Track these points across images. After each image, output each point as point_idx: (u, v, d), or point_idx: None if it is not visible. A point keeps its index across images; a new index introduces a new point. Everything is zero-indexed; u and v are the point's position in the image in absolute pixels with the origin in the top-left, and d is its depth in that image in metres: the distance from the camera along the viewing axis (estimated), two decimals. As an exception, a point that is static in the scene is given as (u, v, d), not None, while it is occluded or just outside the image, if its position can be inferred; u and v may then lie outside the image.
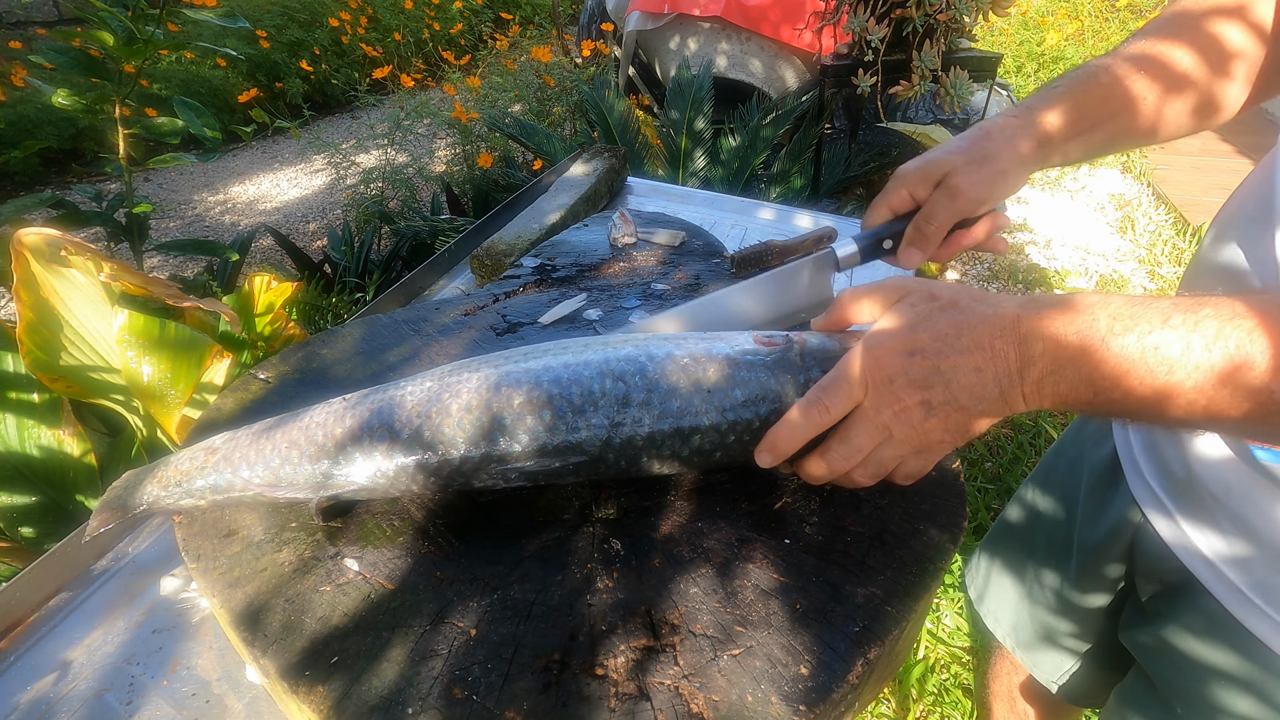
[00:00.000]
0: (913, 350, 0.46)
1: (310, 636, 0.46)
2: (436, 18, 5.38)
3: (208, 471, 0.53)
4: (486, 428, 0.50)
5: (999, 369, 0.45)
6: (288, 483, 0.52)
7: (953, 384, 0.46)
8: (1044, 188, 3.70)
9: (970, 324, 0.46)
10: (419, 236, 2.42)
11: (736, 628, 0.46)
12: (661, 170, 2.49)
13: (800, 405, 0.49)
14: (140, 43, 1.30)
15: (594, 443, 0.50)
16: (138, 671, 0.52)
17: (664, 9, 3.01)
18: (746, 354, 0.52)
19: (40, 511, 0.93)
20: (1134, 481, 0.72)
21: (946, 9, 2.03)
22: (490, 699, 0.42)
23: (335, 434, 0.52)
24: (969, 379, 0.45)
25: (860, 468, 0.49)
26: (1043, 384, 0.45)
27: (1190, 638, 0.64)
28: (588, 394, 0.51)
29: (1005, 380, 0.45)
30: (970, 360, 0.45)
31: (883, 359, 0.47)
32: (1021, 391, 0.45)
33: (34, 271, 0.88)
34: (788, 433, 0.49)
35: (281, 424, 0.54)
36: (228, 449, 0.54)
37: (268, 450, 0.52)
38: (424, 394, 0.52)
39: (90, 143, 3.83)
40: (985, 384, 0.45)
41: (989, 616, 0.96)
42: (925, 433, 0.47)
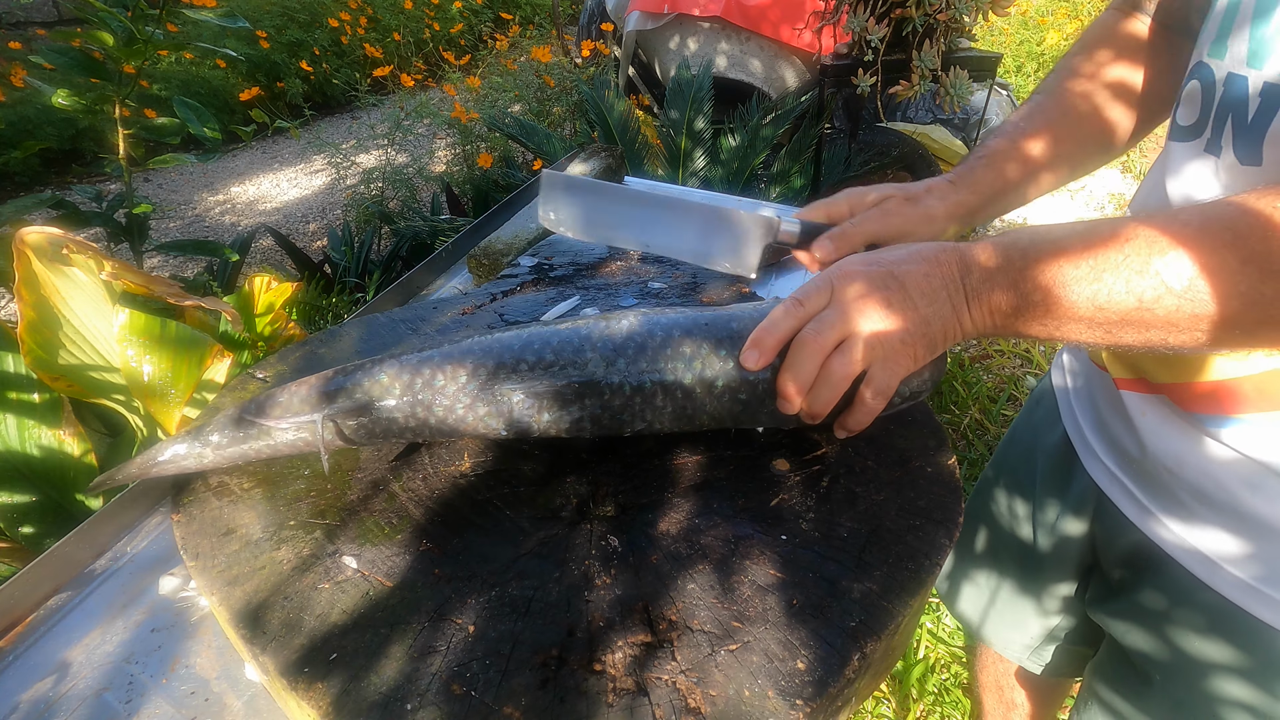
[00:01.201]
0: (871, 262, 0.54)
1: (309, 634, 0.46)
2: (436, 18, 5.38)
3: (223, 426, 0.56)
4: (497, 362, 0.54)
5: (945, 275, 0.52)
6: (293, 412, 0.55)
7: (908, 285, 0.52)
8: (1044, 187, 3.70)
9: (919, 249, 0.54)
10: (419, 236, 2.43)
11: (734, 623, 0.46)
12: (661, 170, 2.49)
13: (778, 307, 0.54)
14: (140, 43, 1.30)
15: (597, 365, 0.53)
16: (137, 670, 0.52)
17: (664, 9, 3.01)
18: (742, 309, 0.57)
19: (40, 511, 0.93)
20: (1089, 463, 0.74)
21: (946, 9, 2.03)
22: (489, 695, 0.42)
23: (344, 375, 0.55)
24: (921, 283, 0.52)
25: (835, 356, 0.52)
26: (979, 292, 0.51)
27: (1161, 607, 0.65)
28: (587, 340, 0.54)
29: (951, 286, 0.52)
30: (920, 269, 0.52)
31: (847, 267, 0.54)
32: (965, 299, 0.51)
33: (35, 270, 0.88)
34: (768, 325, 0.53)
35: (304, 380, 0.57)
36: (243, 405, 0.57)
37: (277, 393, 0.56)
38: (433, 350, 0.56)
39: (90, 143, 3.83)
40: (934, 289, 0.52)
41: (963, 609, 0.97)
42: (887, 330, 0.51)
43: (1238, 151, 0.53)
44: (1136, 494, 0.67)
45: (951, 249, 0.52)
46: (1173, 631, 0.65)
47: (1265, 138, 0.50)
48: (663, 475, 0.58)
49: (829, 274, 0.54)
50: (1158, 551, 0.65)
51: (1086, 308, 0.47)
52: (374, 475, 0.59)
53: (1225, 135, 0.54)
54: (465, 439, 0.62)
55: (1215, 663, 0.62)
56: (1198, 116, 0.57)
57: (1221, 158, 0.54)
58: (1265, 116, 0.50)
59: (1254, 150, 0.51)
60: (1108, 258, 0.46)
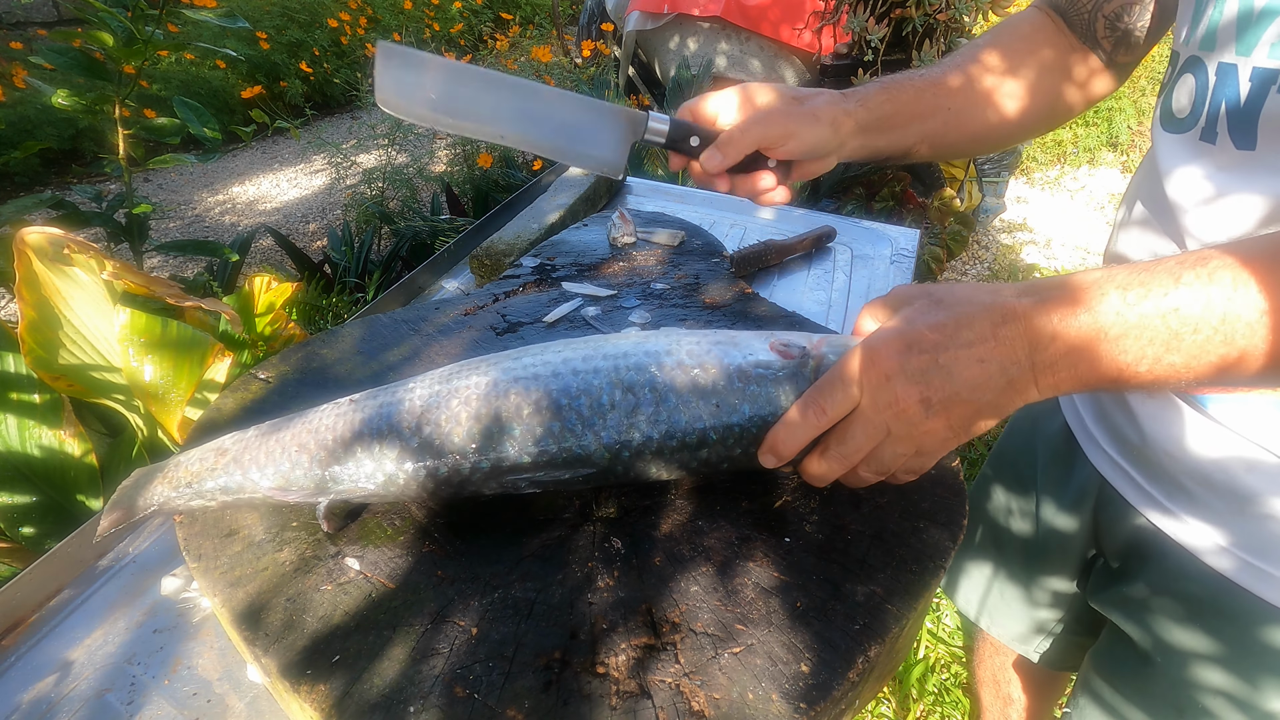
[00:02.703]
0: (910, 345, 0.45)
1: (311, 635, 0.46)
2: (436, 18, 5.38)
3: (218, 473, 0.53)
4: (496, 438, 0.50)
5: (1005, 357, 0.44)
6: (297, 486, 0.52)
7: (954, 378, 0.44)
8: (1044, 187, 3.71)
9: (970, 315, 0.45)
10: (419, 236, 2.42)
11: (737, 626, 0.46)
12: (661, 170, 2.49)
13: (798, 406, 0.49)
14: (140, 43, 1.30)
15: (602, 455, 0.50)
16: (139, 671, 0.52)
17: (664, 9, 3.01)
18: (758, 366, 0.52)
19: (41, 511, 0.93)
20: (1091, 451, 0.74)
21: (946, 9, 2.03)
22: (492, 697, 0.42)
23: (344, 438, 0.51)
24: (972, 371, 0.44)
25: (863, 465, 0.49)
26: (1057, 367, 0.43)
27: (1163, 593, 0.66)
28: (597, 405, 0.51)
29: (1014, 369, 0.44)
30: (973, 352, 0.44)
31: (879, 356, 0.46)
32: (1033, 378, 0.44)
33: (36, 270, 0.88)
34: (786, 434, 0.49)
35: (289, 424, 0.54)
36: (237, 450, 0.53)
37: (277, 453, 0.52)
38: (432, 398, 0.52)
39: (90, 143, 3.82)
40: (990, 375, 0.44)
41: (961, 600, 0.98)
42: (926, 432, 0.46)
43: (1233, 137, 0.53)
44: (1139, 480, 0.68)
45: (1015, 316, 0.44)
46: (1175, 617, 0.65)
47: (1259, 121, 0.51)
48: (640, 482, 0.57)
49: (859, 365, 0.46)
50: (1161, 537, 0.65)
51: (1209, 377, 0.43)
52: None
53: (1220, 122, 0.54)
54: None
55: (1216, 647, 0.62)
56: (1191, 107, 0.57)
57: (1218, 144, 0.54)
58: (1256, 101, 0.51)
59: (1249, 135, 0.52)
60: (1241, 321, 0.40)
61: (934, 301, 0.47)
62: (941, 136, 0.73)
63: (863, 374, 0.46)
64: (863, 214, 2.19)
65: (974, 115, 0.73)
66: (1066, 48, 0.73)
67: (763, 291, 0.95)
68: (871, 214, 2.35)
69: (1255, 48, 0.51)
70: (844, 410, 0.47)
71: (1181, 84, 0.58)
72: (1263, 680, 0.61)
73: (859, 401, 0.47)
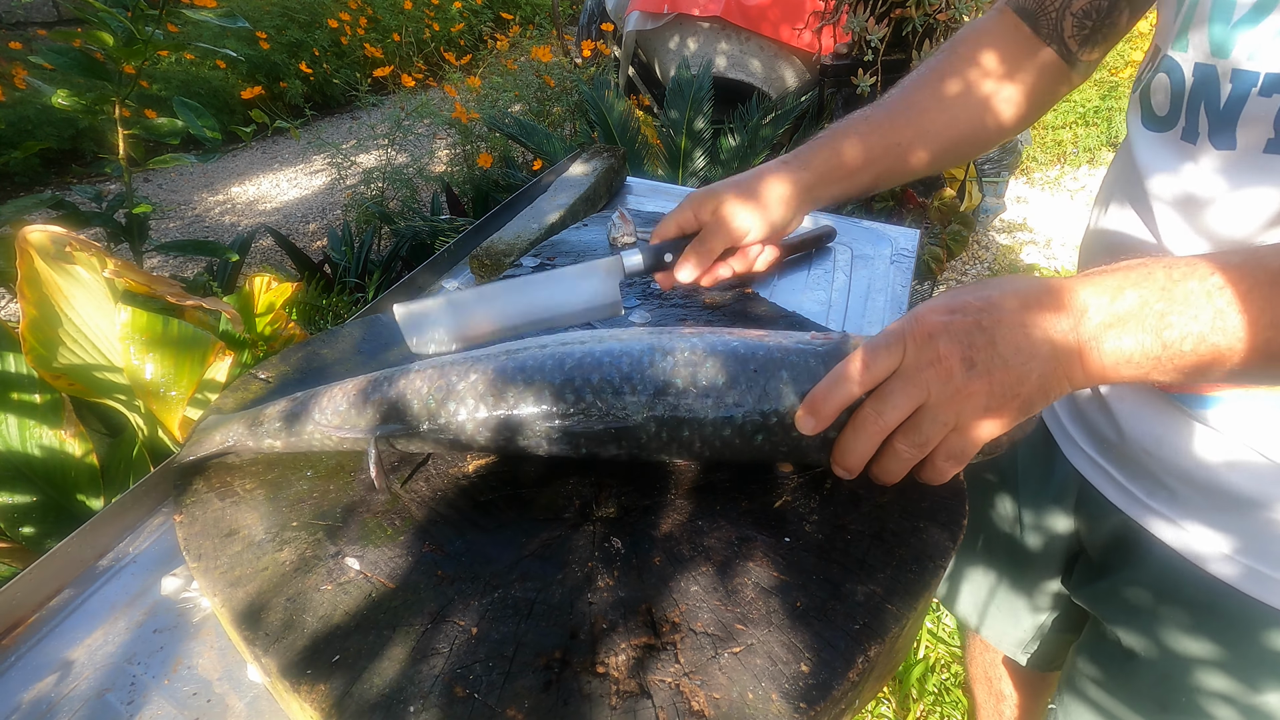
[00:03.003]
0: (954, 309, 0.46)
1: (311, 635, 0.46)
2: (436, 18, 5.38)
3: (284, 415, 0.59)
4: (542, 388, 0.53)
5: (1049, 325, 0.43)
6: (351, 424, 0.56)
7: (998, 341, 0.44)
8: (1044, 187, 3.71)
9: (1017, 287, 0.45)
10: (419, 236, 2.42)
11: (737, 625, 0.46)
12: (661, 170, 2.49)
13: (840, 364, 0.49)
14: (140, 43, 1.30)
15: (638, 409, 0.52)
16: (139, 671, 0.52)
17: (664, 9, 3.01)
18: (800, 342, 0.54)
19: (41, 511, 0.93)
20: (1069, 450, 0.75)
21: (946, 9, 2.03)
22: (491, 697, 0.42)
23: (399, 386, 0.56)
24: (1016, 336, 0.44)
25: (900, 435, 0.47)
26: (1102, 340, 0.43)
27: (1146, 589, 0.66)
28: (637, 364, 0.53)
29: (1057, 335, 0.43)
30: (1017, 317, 0.44)
31: (924, 317, 0.46)
32: (1079, 349, 0.43)
33: (38, 269, 0.88)
34: (826, 390, 0.48)
35: (353, 379, 0.60)
36: (305, 396, 0.60)
37: (337, 396, 0.58)
38: (488, 360, 0.56)
39: (90, 143, 3.83)
40: (1034, 342, 0.43)
41: (948, 599, 0.98)
42: (968, 395, 0.45)
43: (1213, 137, 0.53)
44: (1118, 478, 0.68)
45: (1061, 289, 0.45)
46: (1158, 612, 0.65)
47: (1238, 122, 0.51)
48: (665, 476, 0.57)
49: (904, 326, 0.47)
50: (1142, 534, 0.66)
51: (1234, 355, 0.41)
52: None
53: (1200, 122, 0.54)
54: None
55: (1198, 642, 0.63)
56: (1169, 106, 0.57)
57: (1198, 144, 0.55)
58: (1237, 103, 0.51)
59: (1228, 135, 0.52)
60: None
61: (982, 283, 0.48)
62: (895, 172, 0.75)
63: (906, 333, 0.46)
64: (863, 214, 2.19)
65: (929, 141, 0.74)
66: (1029, 50, 0.72)
67: (763, 291, 0.95)
68: (871, 214, 2.35)
69: (1233, 50, 0.51)
70: (887, 367, 0.47)
71: (1158, 83, 0.58)
72: (1246, 675, 0.61)
73: (901, 359, 0.46)
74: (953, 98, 0.73)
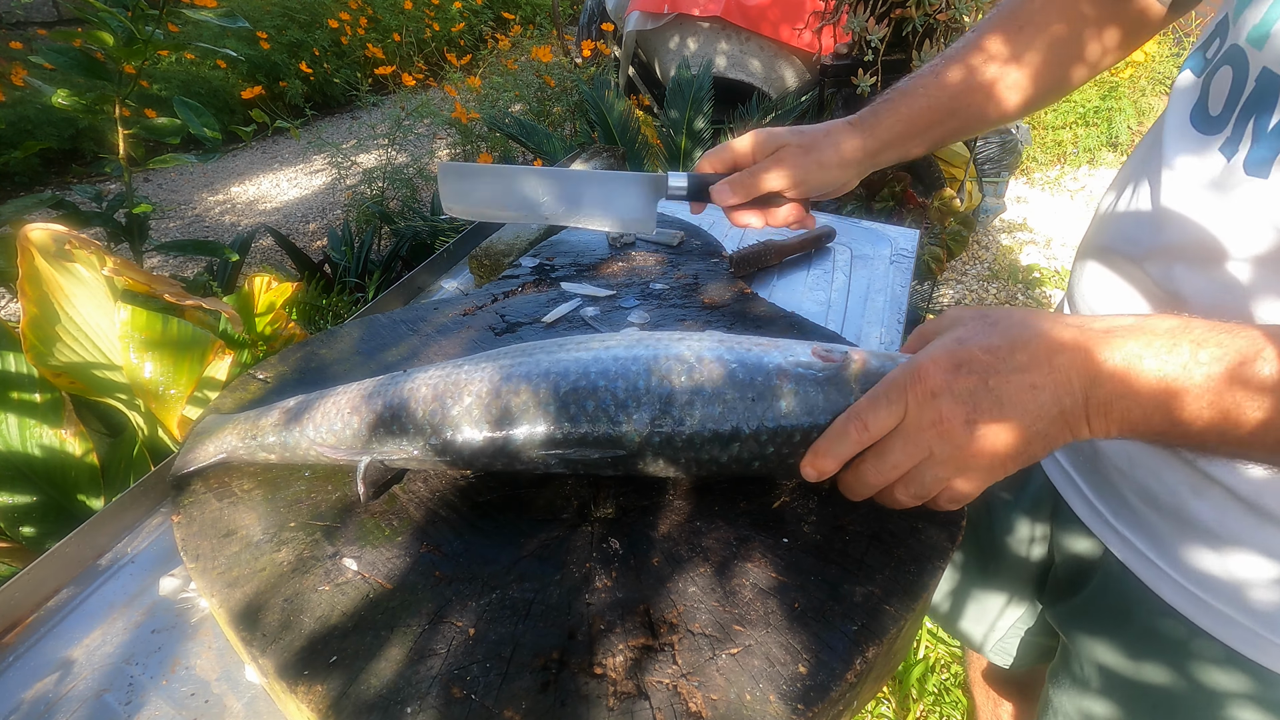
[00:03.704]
0: (959, 364, 0.43)
1: (309, 636, 0.46)
2: (436, 18, 5.38)
3: (279, 428, 0.57)
4: (534, 414, 0.52)
5: (1059, 386, 0.42)
6: (345, 445, 0.55)
7: (1004, 402, 0.42)
8: (1044, 188, 3.70)
9: (1026, 339, 0.43)
10: (419, 236, 2.42)
11: (735, 626, 0.46)
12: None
13: (841, 419, 0.48)
14: (140, 43, 1.30)
15: (633, 438, 0.51)
16: (137, 672, 0.52)
17: (664, 9, 3.01)
18: (799, 366, 0.52)
19: (41, 511, 0.93)
20: (1045, 462, 0.74)
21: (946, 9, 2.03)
22: (489, 698, 0.42)
23: (393, 405, 0.55)
24: (1023, 397, 0.42)
25: (901, 486, 0.47)
26: (1110, 407, 0.41)
27: (1104, 608, 0.66)
28: (633, 390, 0.52)
29: (1067, 399, 0.42)
30: (1025, 378, 0.42)
31: (927, 373, 0.44)
32: (1085, 414, 0.42)
33: (39, 267, 0.88)
34: (827, 446, 0.48)
35: (347, 389, 0.58)
36: (298, 408, 0.58)
37: (331, 413, 0.56)
38: (478, 375, 0.55)
39: (90, 143, 3.83)
40: (1042, 403, 0.42)
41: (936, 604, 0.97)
42: (971, 455, 0.44)
43: (1248, 162, 0.49)
44: (1089, 495, 0.67)
45: (1075, 346, 0.42)
46: (1119, 634, 0.65)
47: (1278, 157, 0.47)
48: (664, 478, 0.57)
49: (906, 377, 0.45)
50: (1105, 555, 0.65)
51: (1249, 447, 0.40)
52: (374, 477, 0.59)
53: (1244, 140, 0.50)
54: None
55: (1160, 672, 0.62)
56: (1222, 109, 0.52)
57: (1231, 162, 0.50)
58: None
59: (1263, 165, 0.48)
60: None
61: (989, 323, 0.45)
62: (958, 133, 0.74)
63: (909, 389, 0.45)
64: (862, 214, 2.19)
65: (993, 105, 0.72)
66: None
67: (762, 292, 0.95)
68: (871, 214, 2.35)
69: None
70: (887, 425, 0.46)
71: (1219, 76, 0.52)
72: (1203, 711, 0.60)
73: (903, 417, 0.45)
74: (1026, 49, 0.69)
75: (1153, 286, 0.57)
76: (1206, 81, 0.54)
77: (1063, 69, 0.71)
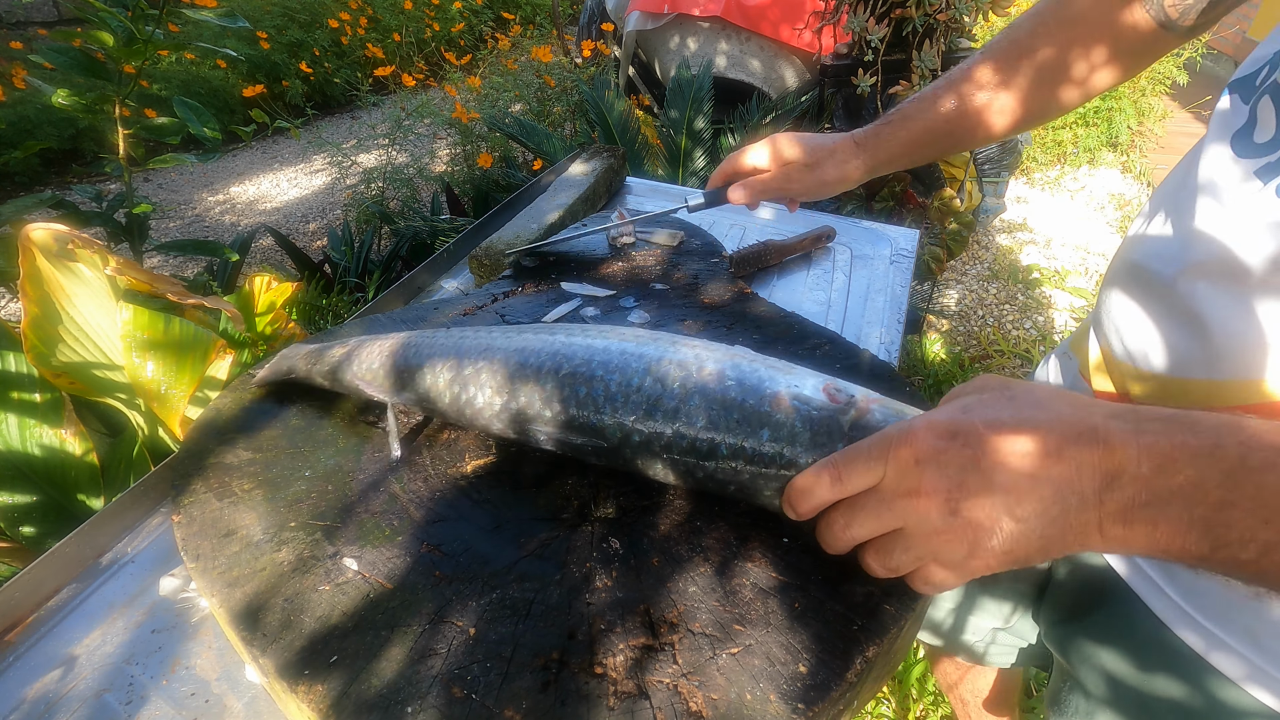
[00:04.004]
0: (954, 434, 0.38)
1: (309, 635, 0.46)
2: (436, 18, 5.38)
3: (335, 360, 0.65)
4: (535, 390, 0.55)
5: (1065, 481, 0.35)
6: (378, 385, 0.62)
7: (996, 488, 0.36)
8: (1044, 188, 3.70)
9: (1038, 420, 0.37)
10: (419, 236, 2.42)
11: (735, 626, 0.46)
12: (661, 170, 2.49)
13: (816, 466, 0.45)
14: (140, 43, 1.30)
15: (615, 433, 0.52)
16: (137, 671, 0.52)
17: (664, 9, 3.01)
18: (796, 399, 0.50)
19: (41, 511, 0.93)
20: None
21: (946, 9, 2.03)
22: (489, 698, 0.42)
23: (422, 357, 0.60)
24: (1020, 487, 0.36)
25: (872, 553, 0.43)
26: (1132, 516, 0.35)
27: (1108, 636, 0.65)
28: (625, 385, 0.52)
29: (1073, 499, 0.35)
30: (1027, 464, 0.36)
31: (917, 436, 0.39)
32: (1098, 520, 0.35)
33: (40, 266, 0.88)
34: (799, 491, 0.45)
35: (394, 338, 0.64)
36: (355, 346, 0.65)
37: (375, 355, 0.63)
38: (503, 347, 0.59)
39: (90, 143, 3.83)
40: (1041, 497, 0.36)
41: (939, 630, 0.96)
42: (944, 542, 0.39)
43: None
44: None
45: (1095, 437, 0.35)
46: (1119, 665, 0.63)
47: None
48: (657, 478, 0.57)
49: (895, 436, 0.41)
50: (1110, 574, 0.63)
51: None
52: (374, 476, 0.59)
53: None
54: (468, 441, 0.62)
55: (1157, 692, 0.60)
56: (1272, 135, 0.46)
57: (1263, 191, 0.46)
58: None
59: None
60: None
61: (1006, 396, 0.41)
62: (952, 151, 0.79)
63: (891, 450, 0.40)
64: (862, 214, 2.19)
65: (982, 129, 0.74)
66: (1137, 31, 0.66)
67: (762, 291, 0.95)
68: (871, 214, 2.35)
69: None
70: (861, 483, 0.42)
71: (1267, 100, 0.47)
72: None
73: (880, 479, 0.41)
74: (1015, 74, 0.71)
75: (1181, 305, 0.53)
76: (1254, 108, 0.50)
77: (1052, 93, 0.72)
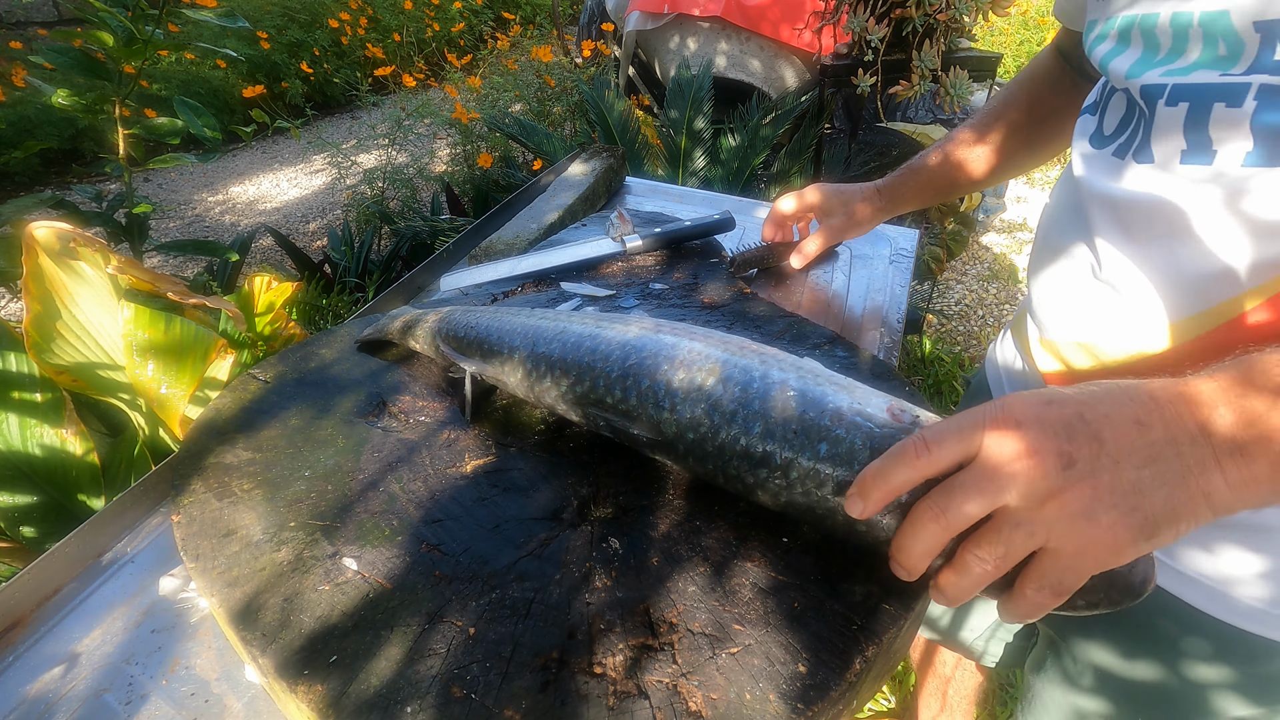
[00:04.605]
0: (1050, 400, 0.37)
1: (308, 635, 0.46)
2: (436, 18, 5.38)
3: (427, 327, 0.69)
4: (598, 376, 0.56)
5: (1171, 422, 0.34)
6: (462, 355, 0.65)
7: (1105, 435, 0.34)
8: (1044, 188, 3.70)
9: (1124, 384, 0.37)
10: (419, 236, 2.42)
11: (734, 626, 0.46)
12: (661, 170, 2.48)
13: (902, 441, 0.41)
14: (140, 43, 1.30)
15: (670, 428, 0.52)
16: (137, 671, 0.52)
17: (664, 9, 3.01)
18: (860, 415, 0.47)
19: (42, 511, 0.93)
20: None
21: (946, 9, 2.03)
22: (489, 697, 0.42)
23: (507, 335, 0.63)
24: (1129, 432, 0.34)
25: (973, 545, 0.37)
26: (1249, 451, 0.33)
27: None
28: (689, 383, 0.52)
29: (1184, 438, 0.34)
30: (1127, 410, 0.35)
31: (1012, 404, 0.37)
32: (1214, 457, 0.34)
33: (43, 265, 0.88)
34: (876, 469, 0.40)
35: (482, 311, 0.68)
36: (446, 315, 0.69)
37: (460, 325, 0.67)
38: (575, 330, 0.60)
39: (90, 143, 3.83)
40: (1153, 442, 0.34)
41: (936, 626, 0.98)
42: (1066, 501, 0.34)
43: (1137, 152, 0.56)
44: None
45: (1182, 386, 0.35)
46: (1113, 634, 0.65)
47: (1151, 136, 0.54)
48: (664, 476, 0.57)
49: (984, 409, 0.38)
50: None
51: None
52: (374, 476, 0.59)
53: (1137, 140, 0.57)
54: (467, 441, 0.62)
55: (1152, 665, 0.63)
56: (1117, 124, 0.60)
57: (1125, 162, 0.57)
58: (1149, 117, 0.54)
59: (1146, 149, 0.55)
60: None
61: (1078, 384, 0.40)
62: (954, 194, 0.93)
63: (987, 419, 0.37)
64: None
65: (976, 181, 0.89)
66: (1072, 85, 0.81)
67: (761, 292, 0.95)
68: (871, 214, 2.34)
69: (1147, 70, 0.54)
70: (954, 453, 0.38)
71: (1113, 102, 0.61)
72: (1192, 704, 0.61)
73: (976, 449, 0.37)
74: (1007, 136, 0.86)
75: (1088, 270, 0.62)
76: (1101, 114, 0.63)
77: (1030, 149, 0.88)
